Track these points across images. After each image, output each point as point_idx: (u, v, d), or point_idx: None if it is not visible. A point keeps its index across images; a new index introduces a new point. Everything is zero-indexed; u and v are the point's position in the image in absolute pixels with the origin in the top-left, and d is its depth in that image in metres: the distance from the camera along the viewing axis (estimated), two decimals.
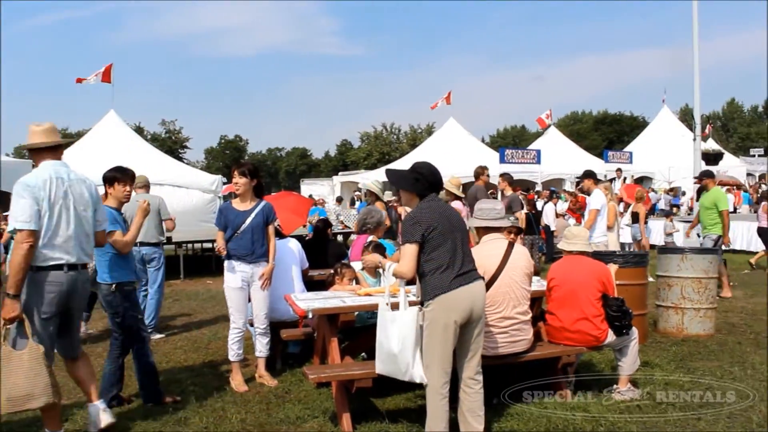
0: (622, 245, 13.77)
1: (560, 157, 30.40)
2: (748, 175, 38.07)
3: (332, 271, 6.57)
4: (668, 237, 14.37)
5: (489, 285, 4.97)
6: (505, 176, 11.55)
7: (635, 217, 14.23)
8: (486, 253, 5.09)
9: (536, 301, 5.64)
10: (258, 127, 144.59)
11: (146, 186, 8.99)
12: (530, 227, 13.90)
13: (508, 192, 11.31)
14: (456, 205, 9.27)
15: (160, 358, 6.77)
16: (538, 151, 25.54)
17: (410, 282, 4.54)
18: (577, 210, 19.21)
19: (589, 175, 10.62)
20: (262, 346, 6.20)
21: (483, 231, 5.21)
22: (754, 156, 43.89)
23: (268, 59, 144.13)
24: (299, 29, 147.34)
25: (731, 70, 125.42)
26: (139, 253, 8.35)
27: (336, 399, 5.07)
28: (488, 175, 11.65)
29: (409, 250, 4.31)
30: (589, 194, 10.37)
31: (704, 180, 11.00)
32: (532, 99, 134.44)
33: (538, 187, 24.91)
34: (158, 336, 8.22)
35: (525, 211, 14.71)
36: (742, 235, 16.77)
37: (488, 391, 4.62)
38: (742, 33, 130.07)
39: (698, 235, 11.00)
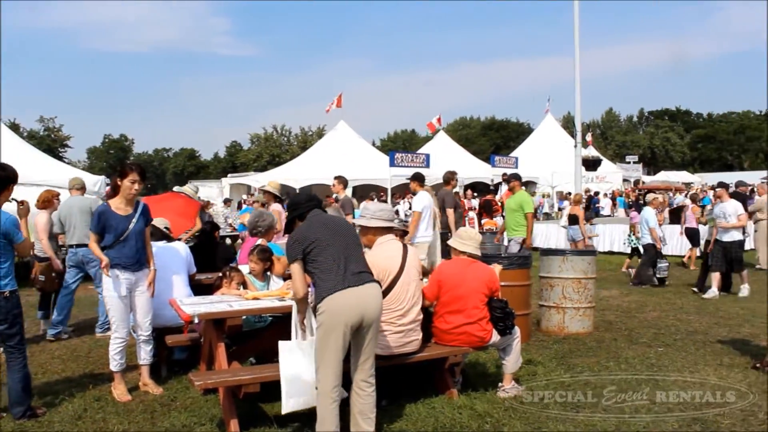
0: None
1: (449, 161, 30.95)
2: (625, 180, 40.15)
3: (220, 274, 6.44)
4: (589, 240, 15.02)
5: (392, 285, 5.08)
6: (340, 179, 11.63)
7: (572, 219, 14.81)
8: (386, 254, 5.18)
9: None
10: (144, 127, 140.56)
11: (82, 188, 8.72)
12: None
13: (341, 195, 11.42)
14: (276, 207, 9.62)
15: (35, 369, 6.41)
16: (428, 155, 25.93)
17: None
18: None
19: (415, 177, 10.88)
20: (146, 354, 5.98)
21: (381, 231, 5.27)
22: (629, 163, 46.33)
23: (156, 56, 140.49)
24: (191, 27, 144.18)
25: (610, 81, 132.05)
26: (76, 254, 8.21)
27: (223, 405, 4.97)
28: (457, 180, 12.07)
29: (295, 269, 4.46)
30: (414, 195, 10.67)
31: (512, 182, 11.21)
32: (422, 104, 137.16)
33: None
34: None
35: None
36: (619, 238, 17.69)
37: (377, 393, 4.64)
38: (619, 45, 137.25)
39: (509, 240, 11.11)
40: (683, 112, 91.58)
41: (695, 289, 11.19)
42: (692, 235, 15.04)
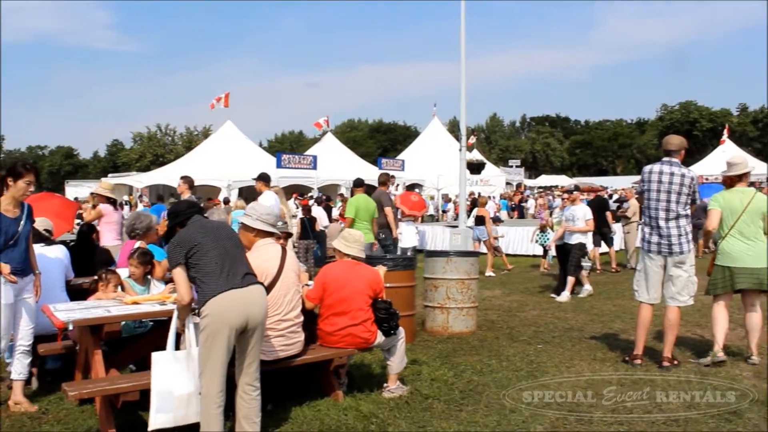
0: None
1: (336, 164, 31.12)
2: (507, 184, 41.52)
3: (96, 277, 6.17)
4: (494, 241, 15.52)
5: (270, 288, 5.02)
6: (185, 179, 11.47)
7: (479, 220, 15.23)
8: (265, 257, 5.13)
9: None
10: (16, 123, 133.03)
11: None
12: (305, 232, 14.12)
13: (186, 196, 11.33)
14: (105, 207, 9.52)
15: None
16: (315, 157, 25.91)
17: None
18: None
19: (260, 177, 10.80)
20: (23, 368, 5.52)
21: (262, 234, 5.20)
22: (512, 167, 47.97)
23: (30, 47, 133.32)
24: (69, 18, 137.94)
25: (495, 87, 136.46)
26: None
27: (100, 415, 4.78)
28: (392, 182, 12.26)
29: (178, 274, 4.38)
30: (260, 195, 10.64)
31: (354, 189, 11.37)
32: (310, 105, 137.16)
33: (314, 193, 25.32)
34: None
35: (300, 215, 15.00)
36: (503, 240, 18.23)
37: (262, 397, 4.61)
38: (504, 53, 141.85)
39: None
40: (563, 118, 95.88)
41: (553, 295, 11.18)
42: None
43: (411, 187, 31.39)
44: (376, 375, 6.30)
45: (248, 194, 25.40)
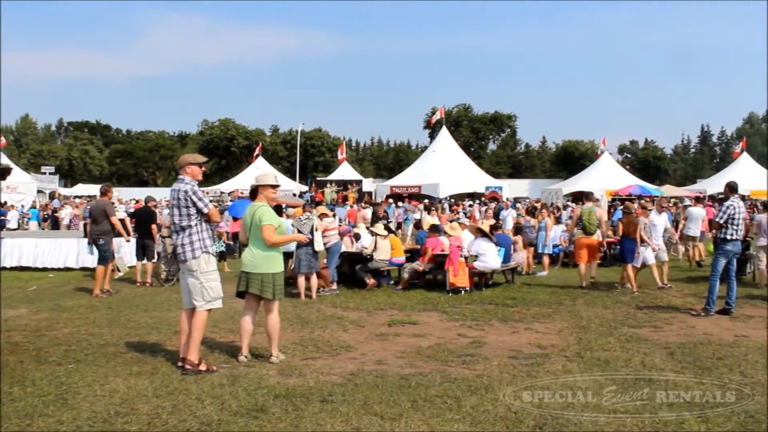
0: None
1: None
2: (39, 192, 38.70)
3: None
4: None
5: None
6: None
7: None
8: None
9: None
10: None
11: None
12: None
13: None
14: None
15: None
16: None
17: None
18: None
19: None
20: None
21: None
22: (45, 173, 44.74)
23: None
24: None
25: (28, 86, 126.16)
26: None
27: None
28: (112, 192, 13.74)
29: None
30: None
31: None
32: None
33: None
34: None
35: None
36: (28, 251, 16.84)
37: None
38: (43, 51, 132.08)
39: None
40: (103, 126, 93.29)
41: None
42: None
43: None
44: None
45: None
